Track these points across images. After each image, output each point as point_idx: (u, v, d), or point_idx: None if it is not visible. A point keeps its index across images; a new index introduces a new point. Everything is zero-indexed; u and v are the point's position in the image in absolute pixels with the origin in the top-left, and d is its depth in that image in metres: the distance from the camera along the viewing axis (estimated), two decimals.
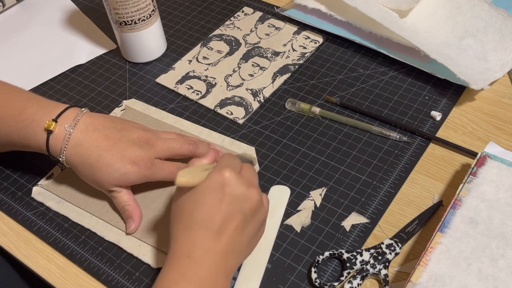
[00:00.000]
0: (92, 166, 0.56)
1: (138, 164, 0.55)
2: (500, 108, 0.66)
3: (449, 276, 0.47)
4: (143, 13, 0.71)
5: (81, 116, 0.57)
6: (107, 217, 0.59)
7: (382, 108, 0.67)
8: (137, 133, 0.57)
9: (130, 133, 0.57)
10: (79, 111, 0.58)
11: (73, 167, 0.57)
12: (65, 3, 0.90)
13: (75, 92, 0.74)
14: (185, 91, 0.72)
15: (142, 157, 0.56)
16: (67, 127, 0.56)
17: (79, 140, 0.56)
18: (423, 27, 0.74)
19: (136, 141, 0.56)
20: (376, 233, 0.56)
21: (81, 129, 0.56)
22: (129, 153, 0.55)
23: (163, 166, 0.57)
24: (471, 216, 0.51)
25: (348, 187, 0.59)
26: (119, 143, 0.56)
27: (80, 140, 0.56)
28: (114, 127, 0.57)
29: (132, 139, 0.56)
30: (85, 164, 0.56)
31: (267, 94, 0.71)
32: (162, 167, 0.57)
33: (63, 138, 0.56)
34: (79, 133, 0.56)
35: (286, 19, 0.81)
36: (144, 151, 0.56)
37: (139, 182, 0.57)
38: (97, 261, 0.56)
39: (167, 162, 0.58)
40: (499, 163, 0.55)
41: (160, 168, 0.57)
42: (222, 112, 0.69)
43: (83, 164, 0.56)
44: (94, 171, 0.56)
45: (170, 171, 0.58)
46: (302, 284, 0.52)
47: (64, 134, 0.56)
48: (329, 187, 0.60)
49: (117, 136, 0.56)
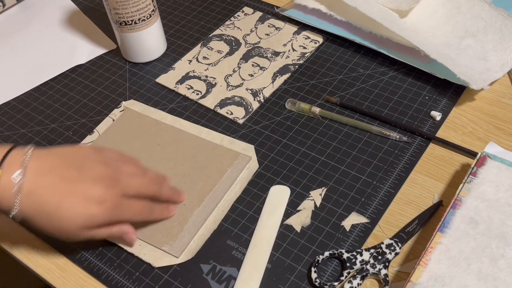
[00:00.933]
0: (51, 215, 0.49)
1: (105, 204, 0.50)
2: (500, 108, 0.66)
3: (449, 276, 0.47)
4: (143, 13, 0.71)
5: (29, 158, 0.50)
6: None
7: (382, 108, 0.67)
8: (98, 168, 0.51)
9: (90, 170, 0.51)
10: (24, 152, 0.50)
11: (29, 220, 0.50)
12: (65, 3, 0.90)
13: (75, 92, 0.74)
14: (185, 91, 0.72)
15: (108, 196, 0.50)
16: (15, 176, 0.48)
17: (32, 187, 0.49)
18: (423, 27, 0.74)
19: (99, 178, 0.51)
20: (376, 233, 0.56)
21: (32, 174, 0.49)
22: (93, 192, 0.50)
23: (130, 205, 0.53)
24: (471, 216, 0.51)
25: (348, 187, 0.59)
26: (79, 183, 0.50)
27: (33, 187, 0.49)
28: (70, 165, 0.51)
29: (93, 177, 0.51)
30: (43, 214, 0.49)
31: (267, 94, 0.71)
32: (129, 206, 0.53)
33: (12, 188, 0.48)
34: (31, 178, 0.49)
35: (286, 19, 0.81)
36: (109, 189, 0.51)
37: (106, 223, 0.52)
38: (97, 261, 0.56)
39: (134, 200, 0.53)
40: (499, 163, 0.55)
41: (127, 208, 0.52)
42: (222, 112, 0.69)
43: (40, 215, 0.49)
44: (54, 220, 0.49)
45: (138, 210, 0.54)
46: (302, 284, 0.52)
47: (12, 184, 0.48)
48: (329, 187, 0.60)
49: (76, 175, 0.50)
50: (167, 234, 0.56)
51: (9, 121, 0.71)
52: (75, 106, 0.72)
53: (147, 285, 0.54)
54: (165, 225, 0.57)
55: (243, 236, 0.56)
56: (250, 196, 0.60)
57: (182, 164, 0.63)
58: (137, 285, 0.54)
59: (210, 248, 0.56)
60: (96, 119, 0.70)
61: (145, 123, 0.68)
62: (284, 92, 0.71)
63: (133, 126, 0.68)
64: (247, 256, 0.54)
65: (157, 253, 0.55)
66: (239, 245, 0.56)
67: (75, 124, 0.70)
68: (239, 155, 0.63)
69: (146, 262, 0.55)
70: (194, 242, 0.56)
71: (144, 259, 0.55)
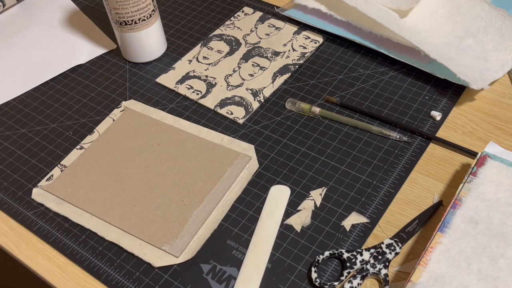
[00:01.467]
0: None
1: None
2: (500, 108, 0.66)
3: (449, 276, 0.47)
4: (143, 13, 0.71)
5: None
6: (107, 217, 0.59)
7: (382, 108, 0.67)
8: None
9: None
10: None
11: None
12: (65, 3, 0.90)
13: (75, 92, 0.75)
14: (185, 91, 0.72)
15: None
16: None
17: None
18: (423, 27, 0.74)
19: None
20: (376, 233, 0.56)
21: None
22: None
23: None
24: (471, 216, 0.51)
25: (348, 187, 0.59)
26: None
27: None
28: None
29: None
30: None
31: (267, 94, 0.71)
32: None
33: None
34: None
35: (286, 19, 0.81)
36: None
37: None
38: (97, 260, 0.56)
39: None
40: (499, 163, 0.55)
41: None
42: (222, 112, 0.69)
43: None
44: None
45: None
46: (302, 284, 0.52)
47: None
48: (329, 187, 0.60)
49: None
50: (167, 233, 0.56)
51: (9, 121, 0.72)
52: (75, 106, 0.72)
53: (147, 285, 0.54)
54: (165, 224, 0.57)
55: (243, 236, 0.56)
56: (250, 196, 0.60)
57: (182, 164, 0.63)
58: (137, 285, 0.54)
59: (210, 248, 0.56)
60: (96, 119, 0.70)
61: (145, 123, 0.68)
62: (284, 92, 0.71)
63: (133, 126, 0.68)
64: (247, 256, 0.54)
65: (157, 252, 0.56)
66: (239, 245, 0.56)
67: (75, 124, 0.70)
68: (239, 155, 0.63)
69: (146, 262, 0.55)
70: (194, 242, 0.56)
71: (144, 259, 0.55)
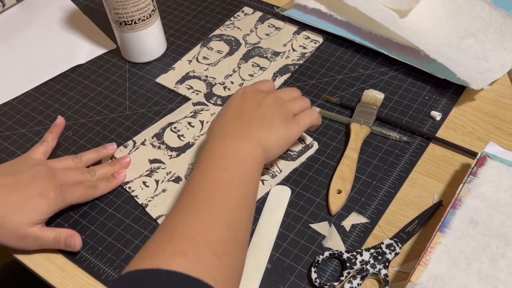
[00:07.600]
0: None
1: (47, 194, 0.54)
2: (500, 108, 0.66)
3: (449, 276, 0.47)
4: (143, 13, 0.71)
5: None
6: None
7: (382, 108, 0.67)
8: (33, 170, 0.56)
9: (25, 173, 0.55)
10: None
11: None
12: (65, 3, 0.90)
13: (75, 92, 0.74)
14: (185, 91, 0.72)
15: (48, 187, 0.54)
16: None
17: None
18: (423, 27, 0.74)
19: (35, 176, 0.55)
20: (376, 233, 0.56)
21: None
22: (33, 188, 0.54)
23: (72, 189, 0.57)
24: (471, 216, 0.51)
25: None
26: (19, 186, 0.54)
27: None
28: (5, 173, 0.55)
29: (30, 177, 0.55)
30: None
31: None
32: (72, 190, 0.56)
33: None
34: None
35: (286, 19, 0.81)
36: (48, 181, 0.55)
37: (53, 211, 0.55)
38: (97, 261, 0.56)
39: (76, 185, 0.57)
40: (499, 163, 0.55)
41: (70, 192, 0.56)
42: None
43: None
44: (3, 226, 0.52)
45: (82, 192, 0.57)
46: (302, 284, 0.52)
47: None
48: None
49: (13, 180, 0.54)
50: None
51: (9, 121, 0.71)
52: (75, 106, 0.72)
53: None
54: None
55: None
56: None
57: None
58: None
59: None
60: (96, 119, 0.70)
61: None
62: None
63: None
64: (247, 256, 0.54)
65: None
66: None
67: (75, 124, 0.70)
68: None
69: None
70: None
71: None
